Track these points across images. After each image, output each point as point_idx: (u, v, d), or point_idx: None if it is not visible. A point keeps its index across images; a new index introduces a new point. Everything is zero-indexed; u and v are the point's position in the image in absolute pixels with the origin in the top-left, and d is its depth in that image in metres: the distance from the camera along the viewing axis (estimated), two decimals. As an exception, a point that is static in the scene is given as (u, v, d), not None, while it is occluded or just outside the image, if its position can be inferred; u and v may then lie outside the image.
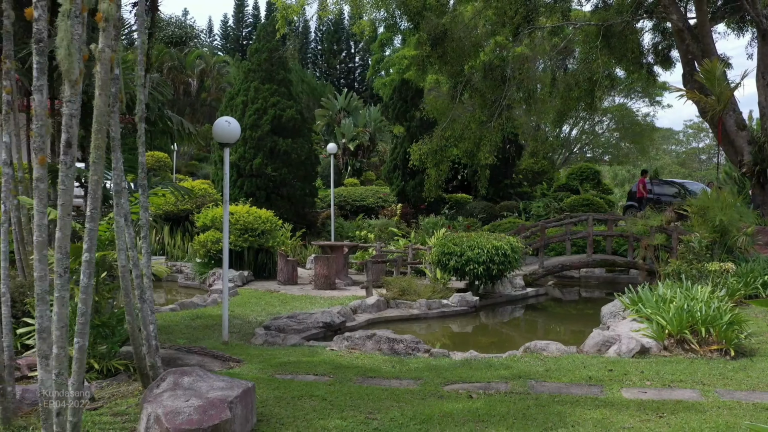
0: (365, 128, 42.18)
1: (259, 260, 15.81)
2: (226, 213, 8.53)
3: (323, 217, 22.05)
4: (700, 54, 18.34)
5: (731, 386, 6.27)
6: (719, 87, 15.76)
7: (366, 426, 5.10)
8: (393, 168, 25.01)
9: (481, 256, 12.57)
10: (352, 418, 5.29)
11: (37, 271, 3.97)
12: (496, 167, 24.75)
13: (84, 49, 3.67)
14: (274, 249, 15.98)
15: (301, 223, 19.95)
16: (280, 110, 19.50)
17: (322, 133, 44.41)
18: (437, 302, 12.03)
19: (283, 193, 19.58)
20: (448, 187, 25.83)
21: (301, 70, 56.51)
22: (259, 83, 19.78)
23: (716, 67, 15.73)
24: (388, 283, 12.70)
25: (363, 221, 22.16)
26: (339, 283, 14.56)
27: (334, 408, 5.57)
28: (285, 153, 19.43)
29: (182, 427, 4.50)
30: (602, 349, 7.83)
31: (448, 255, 12.88)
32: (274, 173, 19.26)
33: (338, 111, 46.18)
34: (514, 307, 13.69)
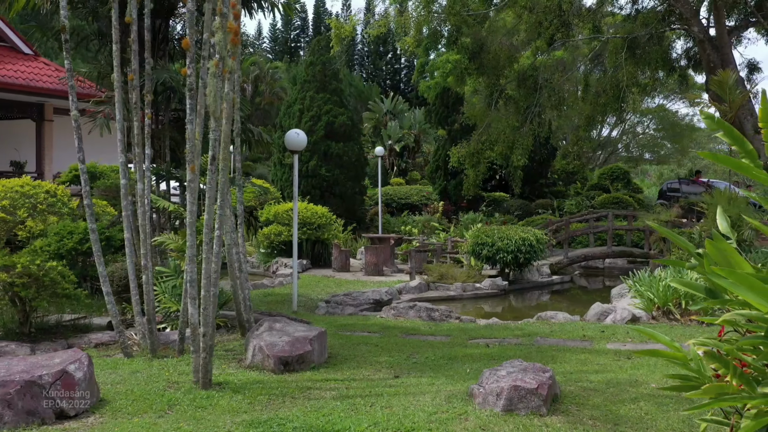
0: (410, 130, 43.85)
1: (315, 251, 17.70)
2: (295, 208, 10.38)
3: (371, 214, 23.88)
4: (719, 63, 19.59)
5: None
6: (731, 95, 17.05)
7: (408, 360, 6.89)
8: (435, 168, 26.74)
9: (509, 246, 14.23)
10: (397, 356, 7.08)
11: (189, 241, 5.85)
12: (532, 168, 26.27)
13: (231, 97, 5.51)
14: (329, 241, 17.84)
15: (351, 219, 21.80)
16: (332, 117, 21.39)
17: (369, 135, 46.22)
18: (471, 285, 13.73)
19: (336, 191, 21.46)
20: (486, 186, 27.42)
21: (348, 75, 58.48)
22: (313, 93, 21.71)
23: (728, 77, 17.02)
24: (428, 270, 14.44)
25: (407, 217, 23.94)
26: (386, 270, 16.34)
27: (383, 350, 7.36)
28: (337, 156, 21.31)
29: (278, 354, 6.34)
30: (601, 318, 9.47)
31: (481, 245, 14.56)
32: (328, 174, 21.15)
33: (384, 114, 47.95)
34: (541, 292, 15.29)
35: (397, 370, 6.43)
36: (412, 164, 42.52)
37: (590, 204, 25.07)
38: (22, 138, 22.27)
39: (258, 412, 5.02)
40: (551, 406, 5.08)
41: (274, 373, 6.22)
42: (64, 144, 21.73)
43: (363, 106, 51.99)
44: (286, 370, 6.27)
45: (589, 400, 5.35)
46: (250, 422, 4.71)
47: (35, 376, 4.78)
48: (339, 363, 6.75)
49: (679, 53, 23.88)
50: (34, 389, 4.73)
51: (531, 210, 25.63)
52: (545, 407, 4.93)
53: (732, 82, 17.39)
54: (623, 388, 5.71)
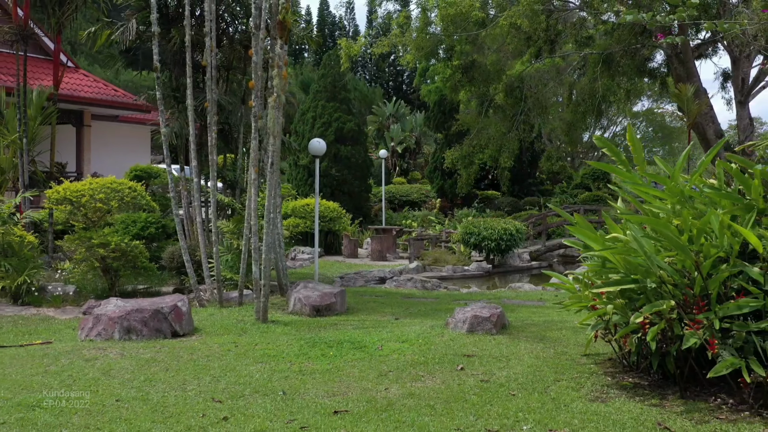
0: (412, 133, 46.18)
1: (328, 240, 20.07)
2: (317, 204, 12.72)
3: (376, 210, 26.25)
4: (685, 76, 21.92)
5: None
6: (689, 106, 19.37)
7: (405, 311, 9.26)
8: (433, 169, 29.12)
9: (493, 235, 16.58)
10: (397, 308, 9.46)
11: (253, 220, 8.20)
12: (521, 168, 28.63)
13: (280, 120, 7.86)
14: (339, 232, 20.20)
15: (358, 214, 24.16)
16: (341, 123, 23.77)
17: (373, 137, 48.55)
18: (460, 268, 16.09)
19: (345, 189, 23.83)
20: (480, 185, 29.78)
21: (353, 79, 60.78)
22: (325, 102, 24.09)
23: (685, 90, 19.34)
24: (425, 255, 16.81)
25: (408, 212, 26.32)
26: (389, 257, 18.70)
27: (386, 306, 9.74)
28: (346, 158, 23.68)
29: (312, 303, 8.71)
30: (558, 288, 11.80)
31: (469, 234, 16.91)
32: (337, 174, 23.52)
33: (387, 117, 50.26)
34: (521, 275, 17.64)
35: (396, 316, 8.81)
36: (414, 165, 44.86)
37: (573, 201, 27.39)
38: (60, 141, 24.66)
39: (303, 334, 7.40)
40: (500, 330, 7.45)
41: (309, 316, 8.60)
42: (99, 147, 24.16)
43: (367, 109, 54.25)
44: (317, 315, 8.64)
45: (527, 329, 7.72)
46: (299, 338, 7.09)
47: (159, 307, 7.16)
48: (355, 312, 9.12)
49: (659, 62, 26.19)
50: (159, 315, 7.11)
51: (520, 207, 27.96)
52: (495, 329, 7.30)
53: (690, 95, 19.67)
54: (554, 324, 8.08)
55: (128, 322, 6.91)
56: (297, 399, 5.16)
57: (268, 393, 5.33)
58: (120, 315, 6.91)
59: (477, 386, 5.45)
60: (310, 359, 6.34)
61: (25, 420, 4.66)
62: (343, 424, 4.59)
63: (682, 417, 4.73)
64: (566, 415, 4.75)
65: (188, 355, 6.45)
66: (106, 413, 4.82)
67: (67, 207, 10.11)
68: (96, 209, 10.17)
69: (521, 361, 6.22)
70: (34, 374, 5.86)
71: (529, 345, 6.87)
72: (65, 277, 11.11)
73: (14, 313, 9.45)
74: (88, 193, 10.04)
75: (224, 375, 5.85)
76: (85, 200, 10.02)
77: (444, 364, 6.16)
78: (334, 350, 6.61)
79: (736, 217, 5.31)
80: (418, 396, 5.22)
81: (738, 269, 5.05)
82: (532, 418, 4.70)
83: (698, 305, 5.10)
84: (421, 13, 19.37)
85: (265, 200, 10.90)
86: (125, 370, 5.97)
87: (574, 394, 5.27)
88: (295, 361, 6.26)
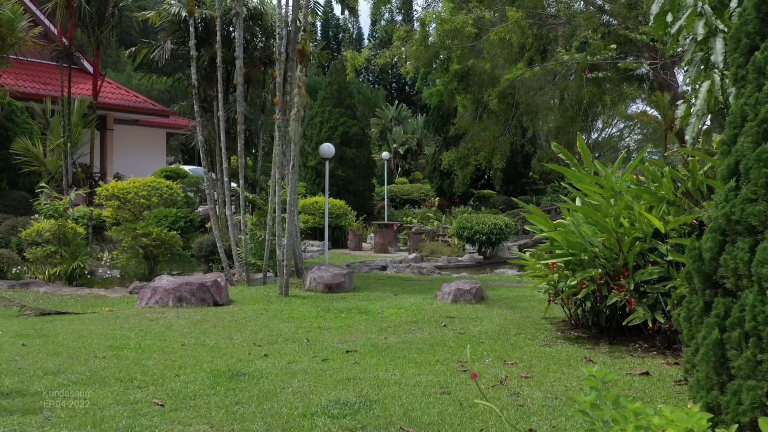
0: (413, 135, 47.74)
1: (334, 235, 21.66)
2: (326, 202, 14.32)
3: (379, 208, 27.83)
4: (666, 84, 23.46)
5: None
6: (665, 112, 20.93)
7: (402, 290, 10.85)
8: (433, 170, 30.71)
9: (484, 229, 18.14)
10: (396, 288, 11.05)
11: (276, 212, 9.79)
12: (515, 169, 30.19)
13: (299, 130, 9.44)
14: (345, 228, 21.78)
15: (362, 211, 25.73)
16: (347, 127, 25.36)
17: (376, 139, 50.13)
18: (454, 259, 17.66)
19: (350, 188, 25.41)
20: (476, 184, 31.33)
21: (357, 83, 62.38)
22: (331, 107, 25.68)
23: (661, 98, 20.88)
24: (423, 247, 18.39)
25: (409, 210, 27.91)
26: (390, 249, 20.28)
27: (387, 285, 11.33)
28: (351, 159, 25.27)
29: (325, 282, 10.30)
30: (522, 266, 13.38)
31: (462, 228, 18.48)
32: (343, 174, 25.11)
33: (390, 120, 51.82)
34: (510, 266, 19.16)
35: (395, 292, 10.40)
36: (415, 165, 46.40)
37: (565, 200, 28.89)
38: (85, 144, 26.30)
39: (319, 304, 9.01)
40: (479, 301, 9.04)
41: (323, 293, 10.19)
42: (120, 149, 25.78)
43: (370, 112, 55.76)
44: (329, 291, 10.23)
45: (501, 301, 9.31)
46: (316, 306, 8.69)
47: (203, 281, 8.76)
48: (360, 290, 10.71)
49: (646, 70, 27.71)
50: (203, 288, 8.71)
51: (513, 205, 29.51)
52: (474, 300, 8.88)
53: (666, 102, 21.22)
54: (525, 298, 9.66)
55: (180, 292, 8.51)
56: (318, 344, 6.76)
57: (295, 341, 6.93)
58: (173, 287, 8.52)
59: (455, 337, 7.05)
60: (326, 320, 7.95)
61: (119, 356, 6.26)
62: (354, 358, 6.18)
63: (604, 355, 6.31)
64: (519, 354, 6.33)
65: (229, 317, 8.05)
66: (176, 352, 6.42)
67: (115, 202, 11.71)
68: (140, 204, 11.78)
69: (492, 321, 7.82)
70: (114, 329, 7.47)
71: (501, 311, 8.47)
72: (111, 263, 12.72)
73: (71, 293, 11.04)
74: (133, 190, 11.66)
75: (260, 330, 7.45)
76: (130, 196, 11.64)
77: (431, 322, 7.76)
78: (344, 314, 8.21)
79: (652, 207, 6.89)
80: (410, 342, 6.81)
81: (650, 245, 6.63)
82: (494, 355, 6.28)
83: (622, 273, 6.69)
84: (420, 27, 20.92)
85: (285, 196, 12.44)
86: (183, 327, 7.57)
87: (529, 342, 6.86)
88: (314, 321, 7.86)
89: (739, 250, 2.86)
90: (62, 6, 14.34)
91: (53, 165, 15.11)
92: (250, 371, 5.71)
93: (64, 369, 5.78)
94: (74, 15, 14.87)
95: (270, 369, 5.81)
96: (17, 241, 13.09)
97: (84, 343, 6.76)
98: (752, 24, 3.05)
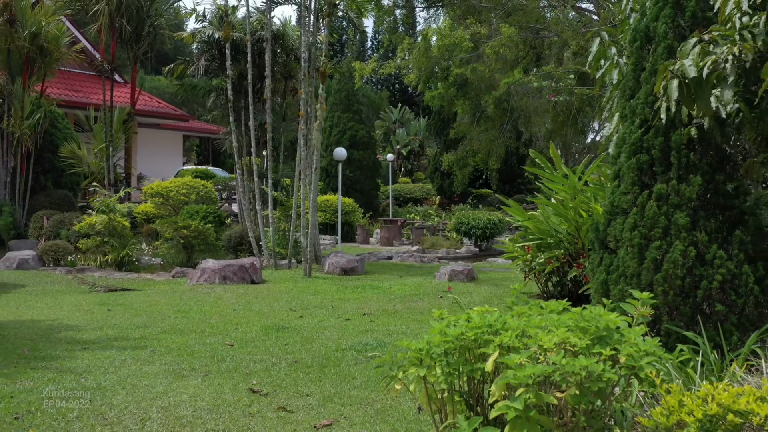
0: (416, 136, 49.42)
1: (344, 230, 23.31)
2: (339, 200, 15.99)
3: (383, 205, 29.52)
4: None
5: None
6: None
7: (406, 273, 12.54)
8: (434, 170, 32.41)
9: (479, 224, 19.82)
10: (401, 272, 12.75)
11: (301, 207, 11.49)
12: (511, 169, 31.86)
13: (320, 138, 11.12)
14: (353, 223, 23.46)
15: (368, 209, 27.42)
16: (354, 131, 27.07)
17: (381, 141, 51.79)
18: (453, 251, 19.34)
19: (357, 188, 27.11)
20: (475, 184, 33.02)
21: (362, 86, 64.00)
22: (340, 113, 27.39)
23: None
24: (424, 240, 20.08)
25: (411, 208, 29.60)
26: (395, 242, 21.96)
27: (393, 270, 13.04)
28: (358, 161, 26.96)
29: (341, 266, 12.00)
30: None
31: (460, 223, 20.16)
32: (351, 174, 26.80)
33: (393, 122, 53.51)
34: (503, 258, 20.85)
35: (400, 275, 12.11)
36: (418, 166, 48.06)
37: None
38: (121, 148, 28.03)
39: (337, 282, 10.72)
40: (470, 280, 10.74)
41: (339, 275, 11.89)
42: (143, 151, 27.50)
43: (374, 114, 57.41)
44: (344, 274, 11.93)
45: (489, 281, 11.01)
46: (335, 284, 10.40)
47: (242, 263, 10.47)
48: (371, 273, 12.42)
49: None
50: (242, 269, 10.41)
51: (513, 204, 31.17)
52: (466, 279, 10.58)
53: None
54: (509, 279, 11.36)
55: (224, 272, 10.23)
56: (340, 309, 8.48)
57: (322, 307, 8.65)
58: (219, 268, 10.24)
59: (449, 305, 8.75)
60: (345, 294, 9.66)
61: (187, 317, 7.97)
62: (369, 318, 7.89)
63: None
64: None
65: (266, 292, 9.77)
66: (231, 315, 8.13)
67: (159, 199, 13.41)
68: (179, 200, 13.49)
69: (479, 294, 9.52)
70: (176, 300, 9.19)
71: (487, 287, 10.18)
72: (152, 252, 14.43)
73: (122, 277, 12.75)
74: (174, 188, 13.36)
75: (292, 300, 9.17)
76: (172, 194, 13.35)
77: (430, 295, 9.47)
78: (359, 290, 9.92)
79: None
80: (413, 308, 8.52)
81: (602, 232, 8.31)
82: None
83: (581, 254, 8.38)
84: (422, 40, 22.57)
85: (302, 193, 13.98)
86: (230, 298, 9.29)
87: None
88: (335, 295, 9.58)
89: (617, 224, 4.56)
90: (106, 27, 16.04)
91: (96, 166, 16.83)
92: (292, 326, 7.43)
93: (149, 324, 7.50)
94: (116, 34, 16.59)
95: (306, 325, 7.52)
96: (66, 233, 14.78)
97: (156, 309, 8.49)
98: (630, 81, 4.75)
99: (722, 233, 4.27)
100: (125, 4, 15.96)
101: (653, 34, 4.60)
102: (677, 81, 3.61)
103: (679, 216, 4.26)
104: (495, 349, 2.82)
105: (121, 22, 16.13)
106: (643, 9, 4.90)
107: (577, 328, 2.78)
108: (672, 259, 4.20)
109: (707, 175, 4.33)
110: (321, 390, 5.02)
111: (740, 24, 3.62)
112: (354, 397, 4.85)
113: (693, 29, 4.34)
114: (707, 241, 4.22)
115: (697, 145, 4.39)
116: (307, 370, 5.59)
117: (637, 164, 4.49)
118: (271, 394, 4.92)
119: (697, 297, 4.20)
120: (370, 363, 5.82)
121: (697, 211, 4.31)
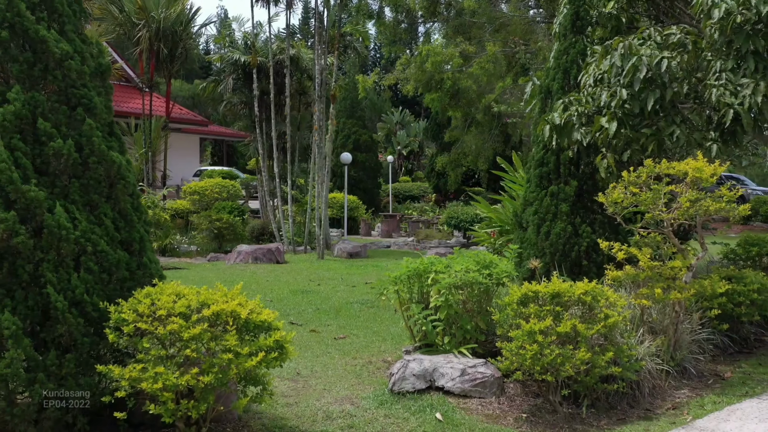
0: (416, 138, 51.81)
1: (348, 224, 25.75)
2: (345, 199, 18.38)
3: (384, 202, 31.96)
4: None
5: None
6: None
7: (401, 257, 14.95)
8: (430, 170, 34.84)
9: (467, 218, 22.21)
10: (397, 256, 15.18)
11: (316, 203, 13.92)
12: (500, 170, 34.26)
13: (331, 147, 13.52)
14: (357, 218, 25.89)
15: (371, 205, 29.84)
16: (358, 136, 29.50)
17: (382, 142, 54.18)
18: (444, 241, 21.76)
19: (360, 186, 29.54)
20: (468, 183, 35.44)
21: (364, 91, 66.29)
22: (345, 119, 29.83)
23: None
24: (419, 233, 22.50)
25: (410, 204, 32.04)
26: (394, 235, 24.39)
27: (391, 255, 15.47)
28: (361, 162, 29.39)
29: (348, 251, 14.44)
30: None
31: (450, 218, 22.55)
32: (355, 175, 29.22)
33: (395, 124, 55.91)
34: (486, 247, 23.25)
35: (396, 259, 14.52)
36: (417, 165, 50.50)
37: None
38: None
39: (345, 263, 13.16)
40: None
41: (347, 258, 14.32)
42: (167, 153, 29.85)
43: (377, 116, 59.81)
44: (351, 258, 14.34)
45: (467, 262, 13.42)
46: (344, 263, 12.85)
47: (269, 248, 12.90)
48: (373, 257, 14.85)
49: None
50: (270, 251, 12.85)
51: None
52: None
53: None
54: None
55: (255, 254, 12.66)
56: (348, 280, 10.93)
57: (334, 279, 11.10)
58: (252, 251, 12.68)
59: (431, 277, 11.17)
60: (351, 270, 12.10)
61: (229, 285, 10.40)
62: (370, 285, 10.33)
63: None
64: (467, 284, 10.46)
65: (289, 268, 12.22)
66: (264, 283, 10.58)
67: (196, 196, 15.85)
68: (212, 197, 15.93)
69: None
70: (219, 274, 11.64)
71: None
72: (188, 241, 16.88)
73: (165, 261, 15.14)
74: (209, 187, 15.79)
75: (311, 274, 11.62)
76: (207, 192, 15.77)
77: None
78: (363, 268, 12.36)
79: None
80: (403, 279, 10.95)
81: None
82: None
83: (531, 238, 10.78)
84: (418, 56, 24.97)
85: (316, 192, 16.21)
86: (263, 273, 11.74)
87: (476, 279, 10.98)
88: (344, 271, 12.02)
89: (528, 212, 6.99)
90: (146, 50, 18.48)
91: (137, 169, 19.27)
92: (312, 290, 9.88)
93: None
94: (154, 55, 19.03)
95: (323, 289, 9.97)
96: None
97: (204, 279, 10.93)
98: (537, 119, 7.17)
99: (588, 217, 6.70)
100: (162, 29, 18.39)
101: (551, 89, 7.02)
102: (549, 126, 6.04)
103: (563, 206, 6.69)
104: (432, 273, 5.25)
105: (159, 45, 18.55)
106: (548, 70, 7.33)
107: (474, 261, 5.21)
108: (557, 233, 6.63)
109: (581, 180, 6.75)
110: (337, 322, 7.49)
111: (587, 92, 6.05)
112: (359, 326, 7.31)
113: (573, 88, 6.76)
114: (579, 222, 6.64)
115: (577, 161, 6.82)
116: (326, 313, 8.05)
117: (540, 173, 6.92)
118: (305, 324, 7.38)
119: (572, 257, 6.63)
120: (371, 310, 8.27)
121: (574, 203, 6.74)
